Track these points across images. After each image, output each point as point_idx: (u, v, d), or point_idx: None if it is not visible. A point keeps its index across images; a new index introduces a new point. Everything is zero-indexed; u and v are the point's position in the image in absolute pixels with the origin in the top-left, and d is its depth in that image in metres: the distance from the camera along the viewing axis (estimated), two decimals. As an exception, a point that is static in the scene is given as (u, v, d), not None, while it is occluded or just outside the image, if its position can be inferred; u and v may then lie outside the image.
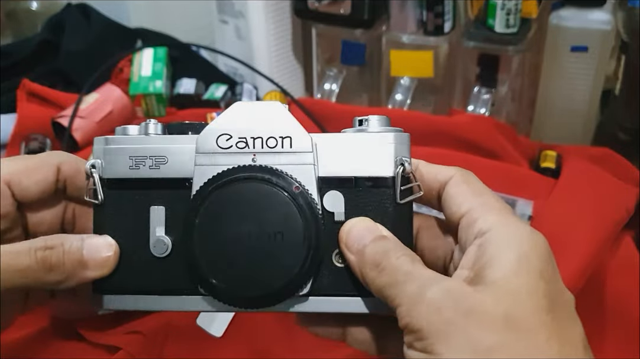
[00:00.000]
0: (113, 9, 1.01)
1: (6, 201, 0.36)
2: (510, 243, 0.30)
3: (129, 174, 0.36)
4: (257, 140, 0.35)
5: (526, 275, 0.29)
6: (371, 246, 0.32)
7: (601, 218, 0.64)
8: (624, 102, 0.80)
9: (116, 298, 0.36)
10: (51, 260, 0.34)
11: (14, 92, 0.86)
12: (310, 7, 0.86)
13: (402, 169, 0.34)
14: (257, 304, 0.34)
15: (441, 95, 0.89)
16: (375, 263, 0.32)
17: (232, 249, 0.33)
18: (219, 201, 0.34)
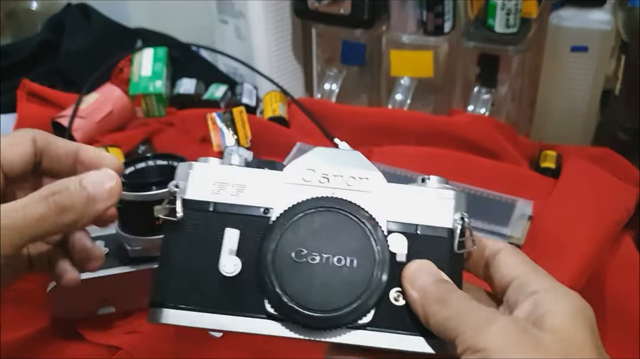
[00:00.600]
0: (113, 9, 1.01)
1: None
2: (565, 300, 0.34)
3: (210, 198, 0.39)
4: (337, 177, 0.39)
5: (581, 327, 0.33)
6: (435, 285, 0.35)
7: (601, 218, 0.64)
8: (624, 102, 0.80)
9: (177, 313, 0.37)
10: (63, 202, 0.36)
11: (14, 92, 0.86)
12: (310, 7, 0.86)
13: (462, 222, 0.38)
14: (322, 323, 0.36)
15: (441, 95, 0.89)
16: (439, 299, 0.35)
17: (305, 269, 0.36)
18: (299, 225, 0.37)
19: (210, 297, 0.37)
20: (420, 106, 0.88)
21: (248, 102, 0.89)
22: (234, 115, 0.82)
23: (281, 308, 0.36)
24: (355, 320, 0.36)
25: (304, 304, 0.36)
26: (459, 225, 0.38)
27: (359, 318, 0.36)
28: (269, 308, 0.36)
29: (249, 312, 0.37)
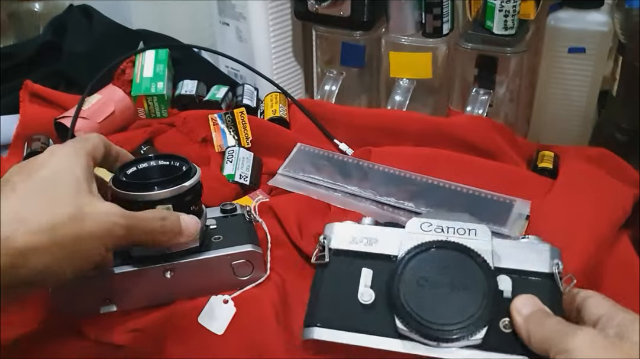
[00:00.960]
0: (115, 11, 1.01)
1: None
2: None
3: (349, 246, 0.52)
4: (450, 228, 0.50)
5: None
6: (536, 313, 0.45)
7: (598, 218, 0.64)
8: (622, 102, 0.81)
9: (325, 331, 0.49)
10: (166, 226, 0.51)
11: (16, 93, 0.86)
12: (310, 9, 0.86)
13: (557, 267, 0.49)
14: (440, 336, 0.44)
15: (440, 96, 0.89)
16: (539, 322, 0.44)
17: (426, 292, 0.46)
18: (421, 260, 0.48)
19: (350, 320, 0.48)
20: (419, 107, 0.88)
21: (249, 103, 0.90)
22: (234, 116, 0.82)
23: (408, 321, 0.45)
24: (464, 337, 0.44)
25: (425, 318, 0.45)
26: (556, 268, 0.48)
27: (471, 333, 0.44)
28: (399, 323, 0.46)
29: (381, 332, 0.47)
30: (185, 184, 0.53)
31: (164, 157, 0.57)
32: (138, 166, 0.56)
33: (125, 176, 0.54)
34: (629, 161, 0.74)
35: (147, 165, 0.56)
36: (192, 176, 0.54)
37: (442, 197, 0.70)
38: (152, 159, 0.56)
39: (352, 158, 0.78)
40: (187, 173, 0.54)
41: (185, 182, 0.53)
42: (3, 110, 0.86)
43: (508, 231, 0.66)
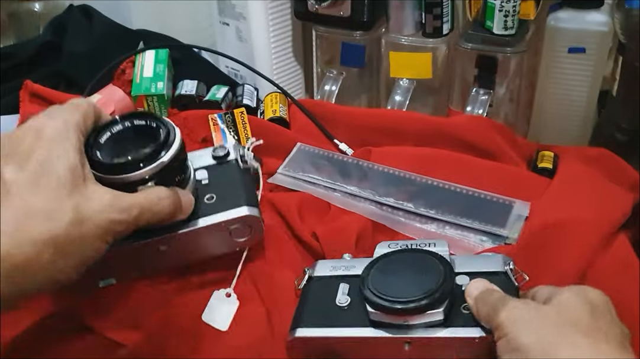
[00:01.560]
0: (115, 11, 1.01)
1: None
2: (570, 287, 0.46)
3: (329, 273, 0.59)
4: (413, 244, 0.56)
5: (581, 305, 0.44)
6: (483, 292, 0.49)
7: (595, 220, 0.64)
8: (622, 103, 0.81)
9: (306, 329, 0.54)
10: (165, 208, 0.51)
11: (16, 93, 0.86)
12: (310, 9, 0.86)
13: (510, 265, 0.54)
14: (405, 309, 0.49)
15: (439, 96, 0.89)
16: (485, 298, 0.49)
17: (391, 279, 0.52)
18: (386, 261, 0.55)
19: (329, 319, 0.54)
20: (419, 107, 0.88)
21: (249, 103, 0.90)
22: (234, 116, 0.82)
23: (376, 303, 0.50)
24: (429, 308, 0.49)
25: (390, 296, 0.50)
26: (508, 266, 0.54)
27: (432, 307, 0.49)
28: (369, 308, 0.51)
29: (355, 325, 0.52)
30: (164, 158, 0.50)
31: (139, 116, 0.52)
32: (112, 130, 0.51)
33: (98, 146, 0.50)
34: (629, 161, 0.74)
35: (122, 127, 0.52)
36: (171, 143, 0.51)
37: (442, 198, 0.70)
38: (126, 119, 0.52)
39: (351, 158, 0.78)
40: (166, 139, 0.51)
41: (166, 153, 0.50)
42: (3, 110, 0.86)
43: (507, 233, 0.66)
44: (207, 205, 0.57)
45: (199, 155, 0.61)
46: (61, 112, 0.48)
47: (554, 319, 0.43)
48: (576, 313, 0.43)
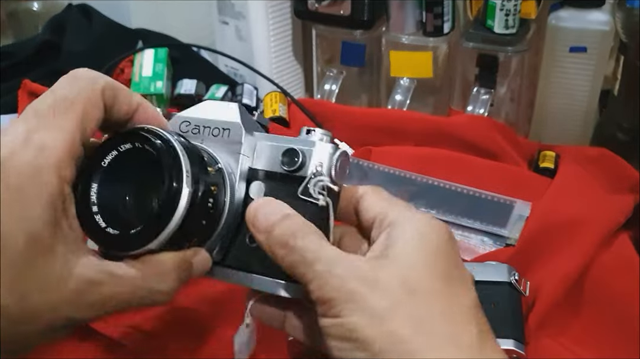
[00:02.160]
0: (114, 10, 1.01)
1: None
2: (412, 227, 0.35)
3: None
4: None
5: (424, 251, 0.34)
6: (279, 227, 0.35)
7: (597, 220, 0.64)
8: (623, 102, 0.80)
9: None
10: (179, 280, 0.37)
11: (15, 93, 0.86)
12: (310, 8, 0.86)
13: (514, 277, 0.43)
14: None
15: (440, 95, 0.89)
16: (283, 243, 0.34)
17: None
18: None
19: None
20: (420, 106, 0.88)
21: (248, 103, 0.89)
22: (234, 115, 0.82)
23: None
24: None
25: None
26: (513, 278, 0.42)
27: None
28: None
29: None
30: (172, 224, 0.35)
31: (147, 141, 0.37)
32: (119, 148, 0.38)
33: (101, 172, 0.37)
34: (630, 161, 0.74)
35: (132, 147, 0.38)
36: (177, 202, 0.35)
37: (442, 197, 0.70)
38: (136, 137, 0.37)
39: (352, 157, 0.78)
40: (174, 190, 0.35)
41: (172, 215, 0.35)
42: (2, 110, 0.85)
43: (508, 233, 0.65)
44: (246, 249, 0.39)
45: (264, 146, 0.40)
46: (52, 120, 0.33)
47: (399, 299, 0.32)
48: (417, 269, 0.33)
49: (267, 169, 0.39)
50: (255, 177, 0.39)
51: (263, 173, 0.39)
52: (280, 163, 0.39)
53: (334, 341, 0.33)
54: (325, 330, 0.33)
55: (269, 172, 0.39)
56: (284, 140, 0.40)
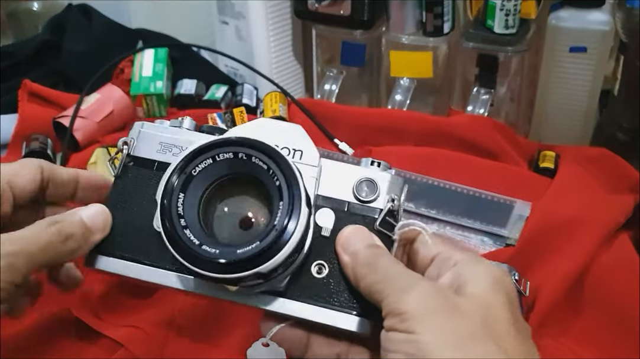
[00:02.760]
0: (114, 10, 1.01)
1: (8, 203, 0.41)
2: (485, 271, 0.35)
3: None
4: None
5: (499, 294, 0.34)
6: (366, 249, 0.36)
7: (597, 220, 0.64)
8: (623, 102, 0.80)
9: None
10: (65, 230, 0.38)
11: (15, 93, 0.86)
12: (310, 8, 0.86)
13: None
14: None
15: (440, 95, 0.89)
16: (368, 263, 0.35)
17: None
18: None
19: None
20: (420, 106, 0.88)
21: (248, 103, 0.89)
22: (234, 115, 0.82)
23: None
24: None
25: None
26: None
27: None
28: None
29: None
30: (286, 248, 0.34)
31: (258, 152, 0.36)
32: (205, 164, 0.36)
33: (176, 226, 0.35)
34: (630, 161, 0.74)
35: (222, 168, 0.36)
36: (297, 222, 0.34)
37: (442, 198, 0.70)
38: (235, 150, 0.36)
39: (352, 157, 0.78)
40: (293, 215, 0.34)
41: (288, 240, 0.34)
42: (2, 110, 0.85)
43: (508, 233, 0.65)
44: (312, 280, 0.37)
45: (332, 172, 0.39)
46: None
47: (477, 330, 0.32)
48: (498, 316, 0.33)
49: (337, 197, 0.38)
50: (322, 204, 0.38)
51: (332, 200, 0.38)
52: (354, 192, 0.38)
53: (402, 357, 0.32)
54: (392, 345, 0.32)
55: (339, 199, 0.38)
56: (351, 168, 0.39)
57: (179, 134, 0.40)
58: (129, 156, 0.40)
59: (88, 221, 0.39)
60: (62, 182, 0.44)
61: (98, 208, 0.40)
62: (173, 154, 0.39)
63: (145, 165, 0.39)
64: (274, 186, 0.35)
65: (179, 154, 0.37)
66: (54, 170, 0.43)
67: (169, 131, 0.40)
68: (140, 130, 0.40)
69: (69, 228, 0.38)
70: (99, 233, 0.39)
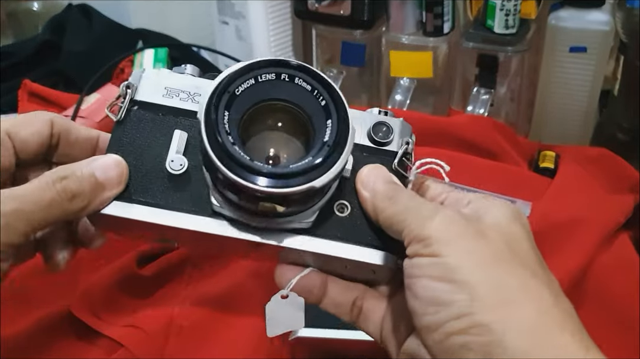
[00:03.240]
0: (114, 10, 1.01)
1: (7, 152, 0.37)
2: (501, 204, 0.35)
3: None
4: None
5: (519, 226, 0.34)
6: (385, 185, 0.36)
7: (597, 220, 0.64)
8: (623, 102, 0.80)
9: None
10: (71, 187, 0.35)
11: (15, 93, 0.86)
12: (310, 8, 0.86)
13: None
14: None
15: (440, 95, 0.89)
16: (388, 196, 0.36)
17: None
18: None
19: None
20: (420, 106, 0.88)
21: (248, 103, 0.89)
22: (234, 115, 0.82)
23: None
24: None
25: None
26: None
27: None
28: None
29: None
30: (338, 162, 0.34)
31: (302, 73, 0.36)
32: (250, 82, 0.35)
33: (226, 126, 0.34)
34: (630, 161, 0.74)
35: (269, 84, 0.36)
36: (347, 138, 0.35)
37: (443, 197, 0.70)
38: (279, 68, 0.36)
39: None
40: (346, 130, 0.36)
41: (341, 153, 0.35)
42: (2, 110, 0.85)
43: (509, 232, 0.65)
44: (336, 218, 0.38)
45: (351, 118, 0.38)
46: None
47: (503, 252, 0.32)
48: (521, 243, 0.33)
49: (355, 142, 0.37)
50: None
51: None
52: (370, 135, 0.39)
53: (428, 281, 0.31)
54: (417, 270, 0.32)
55: (355, 144, 0.37)
56: (364, 114, 0.40)
57: (184, 79, 0.39)
58: (132, 101, 0.38)
59: (101, 176, 0.36)
60: (76, 141, 0.39)
61: (113, 159, 0.36)
62: (181, 99, 0.38)
63: (151, 109, 0.38)
64: (319, 106, 0.36)
65: (186, 99, 0.38)
66: (68, 127, 0.39)
67: (173, 76, 0.39)
68: (142, 75, 0.39)
69: (75, 185, 0.35)
70: (114, 188, 0.36)
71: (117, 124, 0.38)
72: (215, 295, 0.61)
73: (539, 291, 0.31)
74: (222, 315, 0.60)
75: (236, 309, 0.60)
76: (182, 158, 0.37)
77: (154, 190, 0.37)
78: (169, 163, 0.37)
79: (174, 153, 0.37)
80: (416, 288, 0.32)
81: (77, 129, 0.40)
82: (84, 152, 0.40)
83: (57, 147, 0.39)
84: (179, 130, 0.37)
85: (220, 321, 0.59)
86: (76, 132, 0.40)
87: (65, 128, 0.39)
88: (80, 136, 0.40)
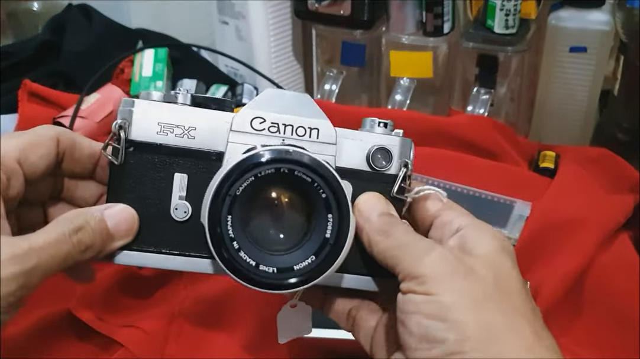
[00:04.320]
0: (114, 10, 1.01)
1: (18, 182, 0.37)
2: (489, 234, 0.36)
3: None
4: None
5: (506, 256, 0.35)
6: (380, 217, 0.37)
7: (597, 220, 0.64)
8: (623, 102, 0.80)
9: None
10: (85, 241, 0.36)
11: (15, 93, 0.86)
12: (310, 8, 0.86)
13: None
14: None
15: (440, 95, 0.89)
16: (382, 230, 0.37)
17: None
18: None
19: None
20: (420, 106, 0.88)
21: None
22: (234, 115, 0.82)
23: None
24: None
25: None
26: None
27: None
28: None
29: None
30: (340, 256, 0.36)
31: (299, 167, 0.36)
32: None
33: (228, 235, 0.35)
34: (630, 161, 0.74)
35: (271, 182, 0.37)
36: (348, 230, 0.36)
37: (443, 197, 0.70)
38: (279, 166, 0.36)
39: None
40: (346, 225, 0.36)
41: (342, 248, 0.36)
42: (2, 110, 0.85)
43: (508, 233, 0.65)
44: None
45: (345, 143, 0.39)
46: None
47: (492, 290, 0.33)
48: (508, 278, 0.34)
49: (353, 167, 0.39)
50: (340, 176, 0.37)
51: (348, 171, 0.38)
52: (368, 161, 0.39)
53: (421, 318, 0.33)
54: (411, 307, 0.33)
55: (354, 170, 0.38)
56: (362, 135, 0.39)
57: (177, 111, 0.38)
58: (127, 141, 0.37)
59: (112, 228, 0.37)
60: (80, 158, 0.40)
61: (125, 212, 0.37)
62: (176, 135, 0.37)
63: (148, 150, 0.37)
64: (319, 198, 0.36)
65: (182, 135, 0.37)
66: (72, 143, 0.39)
67: (165, 109, 0.37)
68: (132, 110, 0.37)
69: (89, 239, 0.36)
70: (122, 240, 0.37)
71: (115, 167, 0.38)
72: (215, 295, 0.61)
73: (523, 329, 0.33)
74: (222, 315, 0.60)
75: (236, 309, 0.60)
76: (186, 204, 0.37)
77: (161, 237, 0.38)
78: (173, 211, 0.37)
79: (177, 200, 0.37)
80: (410, 324, 0.33)
81: (80, 145, 0.40)
82: (86, 169, 0.41)
83: (62, 162, 0.40)
84: (179, 174, 0.37)
85: (220, 321, 0.59)
86: (79, 148, 0.40)
87: (70, 145, 0.39)
88: (84, 153, 0.40)
